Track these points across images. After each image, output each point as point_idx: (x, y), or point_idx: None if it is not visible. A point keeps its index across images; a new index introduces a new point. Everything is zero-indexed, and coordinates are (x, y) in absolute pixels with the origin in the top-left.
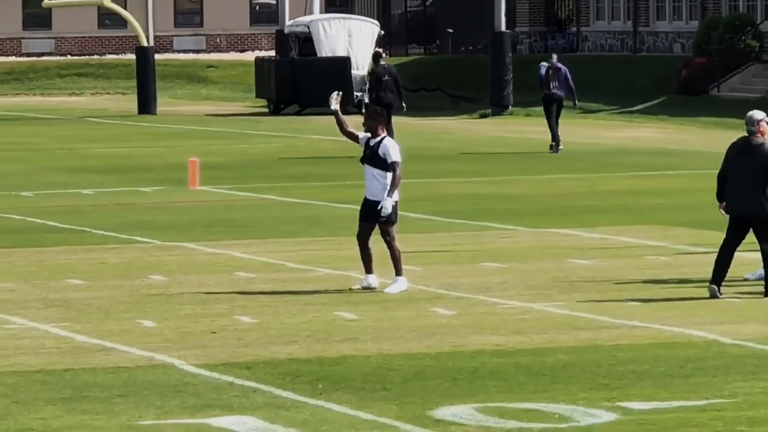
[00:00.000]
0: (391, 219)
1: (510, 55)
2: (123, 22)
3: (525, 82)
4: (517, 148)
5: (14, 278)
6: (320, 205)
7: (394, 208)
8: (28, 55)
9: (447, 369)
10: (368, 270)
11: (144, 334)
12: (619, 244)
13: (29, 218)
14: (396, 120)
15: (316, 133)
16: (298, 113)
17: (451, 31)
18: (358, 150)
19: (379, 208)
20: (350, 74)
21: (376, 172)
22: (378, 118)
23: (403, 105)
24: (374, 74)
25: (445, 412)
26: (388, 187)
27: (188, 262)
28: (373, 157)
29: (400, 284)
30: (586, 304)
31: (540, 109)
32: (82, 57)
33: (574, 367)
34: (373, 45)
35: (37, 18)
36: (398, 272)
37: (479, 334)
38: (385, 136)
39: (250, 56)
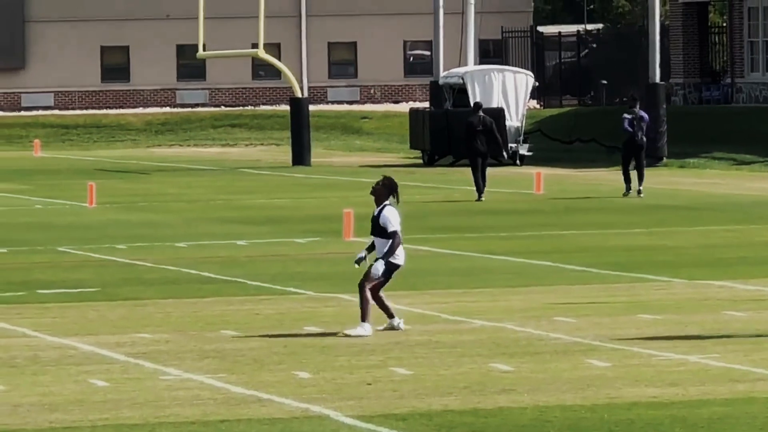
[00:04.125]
0: (377, 276)
1: (664, 106)
2: (277, 73)
3: (679, 134)
4: (671, 200)
5: (169, 329)
6: (474, 256)
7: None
8: (183, 106)
9: (603, 421)
10: (390, 315)
11: (299, 385)
12: None
13: (184, 269)
14: (550, 171)
15: (469, 184)
16: (452, 164)
17: (605, 82)
18: (512, 202)
19: (359, 260)
20: (505, 125)
21: (381, 241)
22: (382, 187)
23: (504, 154)
24: (468, 124)
25: None
26: (385, 250)
27: (343, 312)
28: (375, 228)
29: (362, 329)
30: (742, 356)
31: (695, 161)
32: (236, 108)
33: (729, 419)
34: (528, 96)
35: (191, 69)
36: (364, 318)
37: (635, 386)
38: (386, 205)
39: (404, 107)
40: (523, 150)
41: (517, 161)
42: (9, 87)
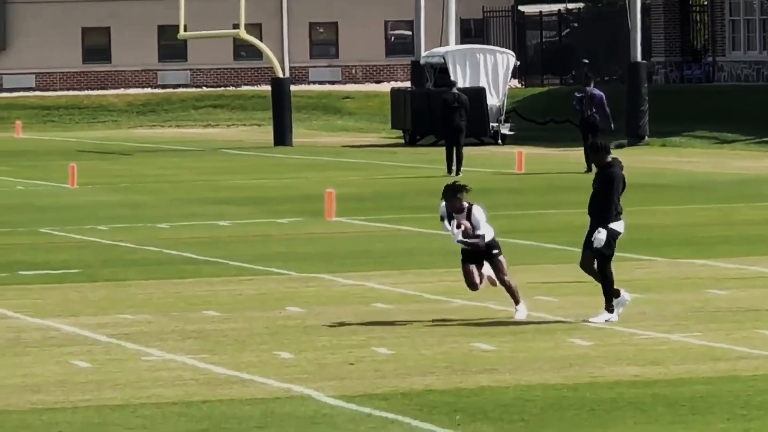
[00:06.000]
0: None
1: (646, 85)
2: (259, 54)
3: (661, 113)
4: (653, 179)
5: (151, 310)
6: None
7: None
8: (164, 86)
9: (585, 400)
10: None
11: (281, 365)
12: (756, 275)
13: (166, 250)
14: (531, 151)
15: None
16: (433, 144)
17: (586, 61)
18: (501, 182)
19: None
20: (486, 105)
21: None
22: (453, 198)
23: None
24: (443, 101)
25: None
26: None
27: (325, 293)
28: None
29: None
30: (723, 335)
31: (677, 139)
32: (218, 88)
33: (711, 397)
34: (509, 76)
35: (172, 50)
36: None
37: (617, 365)
38: (472, 206)
39: (385, 87)
40: (505, 129)
41: (499, 140)
42: None
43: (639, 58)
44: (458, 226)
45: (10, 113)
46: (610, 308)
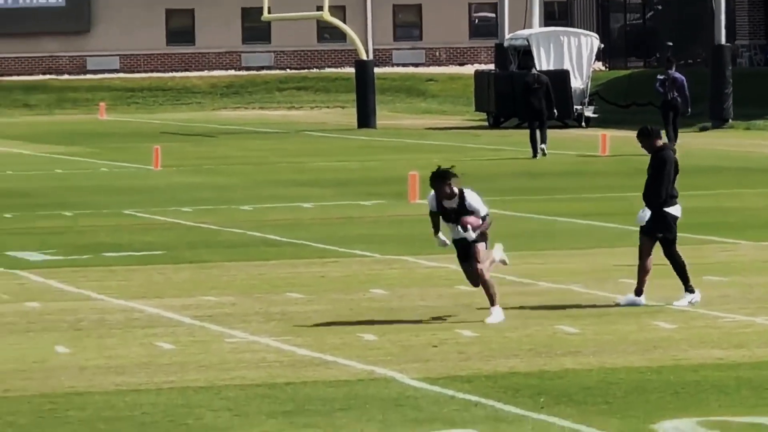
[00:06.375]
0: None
1: (730, 68)
2: (342, 36)
3: (745, 96)
4: (737, 162)
5: (235, 292)
6: (540, 218)
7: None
8: (248, 69)
9: (669, 383)
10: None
11: (365, 347)
12: None
13: (249, 232)
14: (613, 134)
15: None
16: (517, 126)
17: (670, 44)
18: (585, 165)
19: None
20: (570, 87)
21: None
22: (441, 185)
23: (555, 112)
24: (524, 83)
25: (667, 426)
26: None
27: (409, 275)
28: (459, 215)
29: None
30: None
31: (761, 122)
32: (301, 71)
33: None
34: (593, 58)
35: (256, 31)
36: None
37: (701, 348)
38: (462, 192)
39: (469, 69)
40: (589, 112)
41: (583, 123)
42: (75, 50)
43: (723, 41)
44: (464, 228)
45: (94, 95)
46: (689, 289)
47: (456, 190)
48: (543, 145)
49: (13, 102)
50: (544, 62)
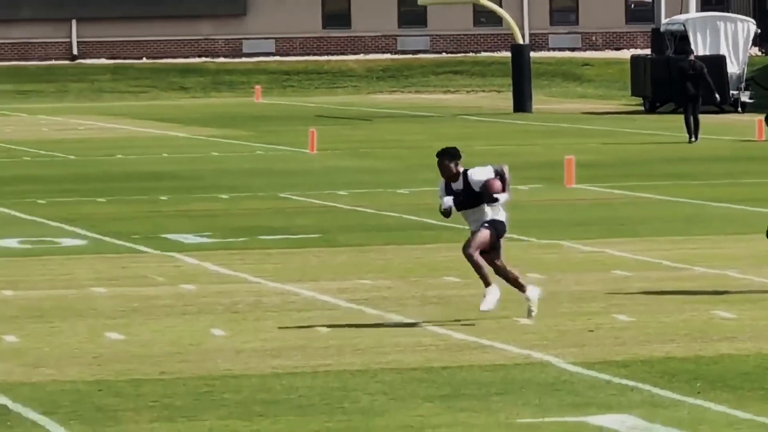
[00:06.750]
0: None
1: None
2: (498, 20)
3: None
4: None
5: (391, 275)
6: (697, 203)
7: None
8: (404, 52)
9: None
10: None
11: (521, 331)
12: None
13: (405, 216)
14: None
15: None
16: (673, 111)
17: None
18: (741, 150)
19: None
20: (726, 72)
21: (484, 209)
22: (446, 164)
23: (717, 96)
24: (679, 68)
25: None
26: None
27: (565, 260)
28: (470, 198)
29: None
30: None
31: None
32: (457, 55)
33: None
34: (749, 44)
35: (413, 15)
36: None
37: None
38: (465, 171)
39: (625, 54)
40: (745, 97)
41: (739, 108)
42: (231, 34)
43: None
44: (489, 197)
45: (249, 78)
46: None
47: (461, 169)
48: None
49: (169, 85)
50: (700, 47)
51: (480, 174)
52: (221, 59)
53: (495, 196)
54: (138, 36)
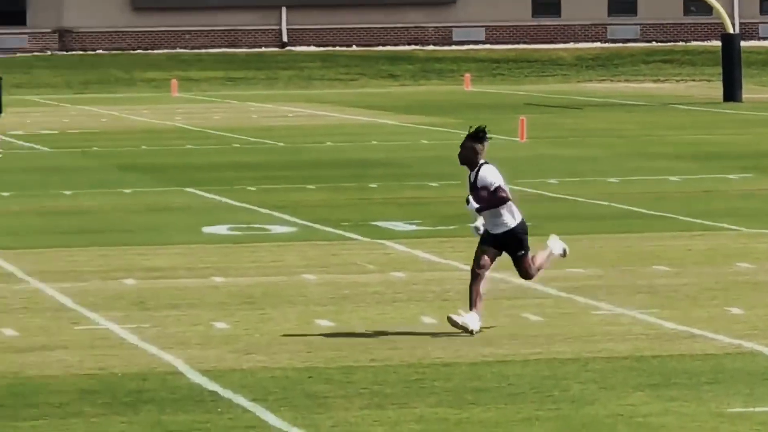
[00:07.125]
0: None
1: None
2: (709, 9)
3: None
4: None
5: (602, 264)
6: None
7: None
8: (614, 41)
9: None
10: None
11: (731, 321)
12: None
13: (615, 204)
14: None
15: None
16: None
17: None
18: None
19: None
20: None
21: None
22: (470, 147)
23: None
24: None
25: None
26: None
27: None
28: (472, 190)
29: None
30: None
31: None
32: (667, 44)
33: None
34: None
35: (623, 4)
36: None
37: None
38: (483, 164)
39: None
40: None
41: None
42: (441, 21)
43: None
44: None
45: (459, 66)
46: None
47: (481, 160)
48: None
49: (379, 72)
50: None
51: (490, 176)
52: (431, 47)
53: (476, 205)
54: (347, 24)
